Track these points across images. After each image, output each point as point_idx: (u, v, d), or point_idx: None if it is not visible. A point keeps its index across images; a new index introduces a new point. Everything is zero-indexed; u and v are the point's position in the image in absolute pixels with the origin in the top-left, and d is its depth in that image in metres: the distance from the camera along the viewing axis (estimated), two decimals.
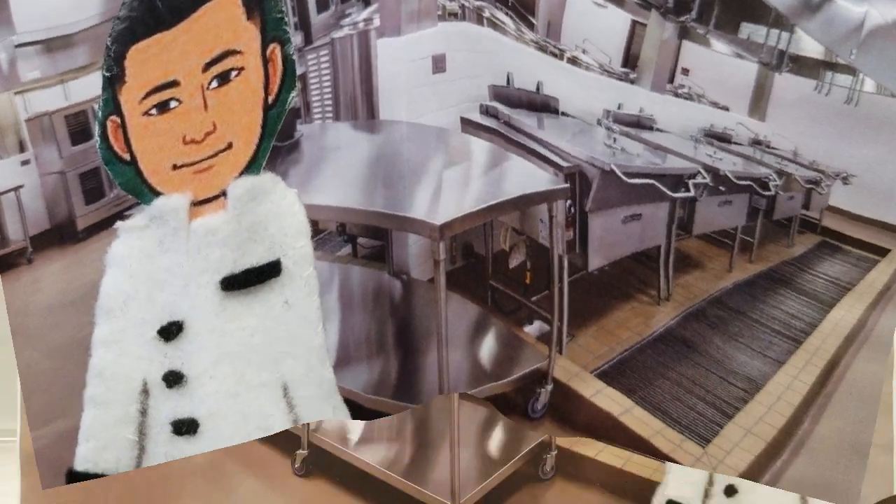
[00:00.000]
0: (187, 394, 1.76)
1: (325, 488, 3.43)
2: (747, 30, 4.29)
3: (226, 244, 1.71)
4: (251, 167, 1.73)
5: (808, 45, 4.74)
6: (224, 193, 1.71)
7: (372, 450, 3.28)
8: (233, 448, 3.69)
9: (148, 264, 1.79)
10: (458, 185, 2.81)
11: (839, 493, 2.24)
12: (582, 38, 6.54)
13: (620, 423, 3.03)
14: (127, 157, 1.76)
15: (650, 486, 2.40)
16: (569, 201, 3.19)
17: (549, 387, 3.16)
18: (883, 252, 5.12)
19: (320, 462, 3.54)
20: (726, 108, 5.76)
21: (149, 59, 1.61)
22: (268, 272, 1.73)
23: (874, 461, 3.69)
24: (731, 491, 2.26)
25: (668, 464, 2.40)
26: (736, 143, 5.15)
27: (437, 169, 2.93)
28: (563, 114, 4.20)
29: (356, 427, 3.63)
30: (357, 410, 2.97)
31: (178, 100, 1.65)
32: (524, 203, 2.78)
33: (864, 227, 2.38)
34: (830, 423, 2.27)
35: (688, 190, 3.85)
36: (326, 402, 1.89)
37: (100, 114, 1.78)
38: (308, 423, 3.42)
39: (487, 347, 3.23)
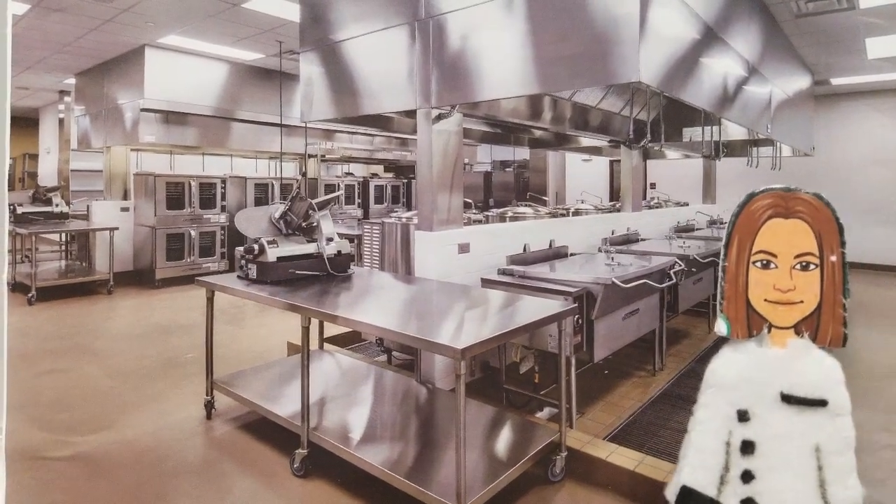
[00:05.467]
0: None
1: (324, 489, 3.24)
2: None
3: None
4: None
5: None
6: None
7: (374, 450, 3.18)
8: (228, 446, 3.78)
9: None
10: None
11: None
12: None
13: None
14: None
15: (663, 489, 2.36)
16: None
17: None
18: None
19: (320, 462, 3.39)
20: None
21: None
22: None
23: (892, 464, 3.47)
24: (747, 476, 2.23)
25: None
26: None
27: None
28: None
29: (358, 426, 3.52)
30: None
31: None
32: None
33: None
34: None
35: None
36: None
37: None
38: (308, 421, 3.35)
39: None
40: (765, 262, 2.37)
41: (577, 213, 6.98)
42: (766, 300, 2.37)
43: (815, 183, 12.19)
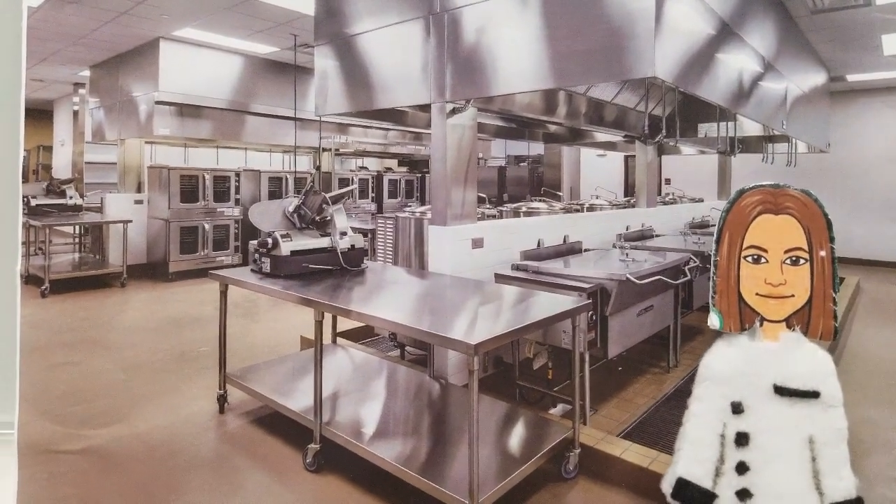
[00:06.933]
0: None
1: (337, 484, 3.23)
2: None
3: None
4: None
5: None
6: None
7: (387, 445, 3.17)
8: (241, 441, 3.77)
9: None
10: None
11: None
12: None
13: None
14: None
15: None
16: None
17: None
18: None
19: (333, 457, 3.37)
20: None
21: None
22: None
23: None
24: (742, 468, 2.29)
25: None
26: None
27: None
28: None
29: (371, 421, 3.52)
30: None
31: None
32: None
33: None
34: None
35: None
36: None
37: None
38: (320, 416, 3.35)
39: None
40: (755, 256, 2.43)
41: (591, 208, 6.93)
42: (757, 294, 2.43)
43: (831, 180, 12.04)
